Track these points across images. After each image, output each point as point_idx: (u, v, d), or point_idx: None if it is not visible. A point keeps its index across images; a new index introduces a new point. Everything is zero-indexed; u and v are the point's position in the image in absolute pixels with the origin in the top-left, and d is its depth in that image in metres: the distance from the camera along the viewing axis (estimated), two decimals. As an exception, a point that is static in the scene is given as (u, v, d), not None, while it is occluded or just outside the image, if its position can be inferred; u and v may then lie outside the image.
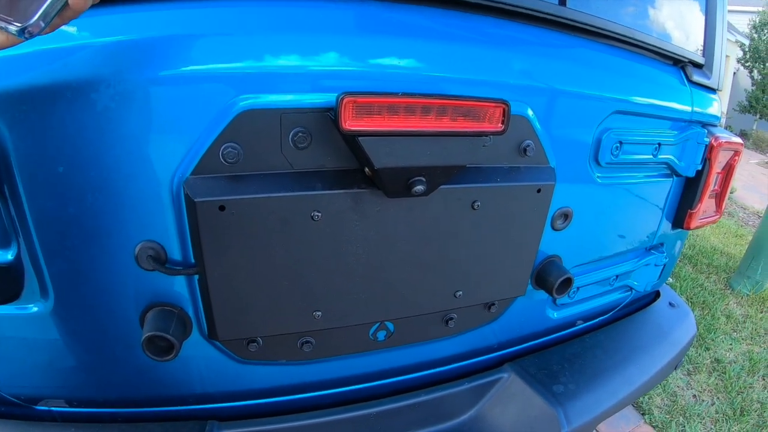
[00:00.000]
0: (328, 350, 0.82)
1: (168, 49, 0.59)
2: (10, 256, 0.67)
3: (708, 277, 3.21)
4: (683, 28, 1.10)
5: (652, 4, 1.03)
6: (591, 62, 0.88)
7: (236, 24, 0.61)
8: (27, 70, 0.56)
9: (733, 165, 1.27)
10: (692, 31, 1.13)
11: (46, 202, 0.62)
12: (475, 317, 0.92)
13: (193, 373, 0.81)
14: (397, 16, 0.69)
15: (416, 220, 0.71)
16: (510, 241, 0.81)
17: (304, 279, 0.70)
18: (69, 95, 0.57)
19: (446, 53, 0.70)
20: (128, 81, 0.58)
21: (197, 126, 0.61)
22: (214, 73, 0.60)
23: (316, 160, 0.65)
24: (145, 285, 0.70)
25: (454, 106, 0.60)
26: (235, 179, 0.63)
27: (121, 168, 0.62)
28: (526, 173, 0.76)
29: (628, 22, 0.95)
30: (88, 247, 0.66)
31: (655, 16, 1.04)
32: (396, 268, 0.74)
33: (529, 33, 0.80)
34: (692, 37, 1.12)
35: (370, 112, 0.57)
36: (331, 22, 0.65)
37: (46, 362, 0.76)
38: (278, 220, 0.64)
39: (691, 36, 1.12)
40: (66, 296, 0.69)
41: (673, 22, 1.08)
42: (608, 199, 0.99)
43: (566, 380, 1.07)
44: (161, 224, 0.66)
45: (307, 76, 0.63)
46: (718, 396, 2.11)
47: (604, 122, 0.88)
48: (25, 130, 0.58)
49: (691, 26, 1.12)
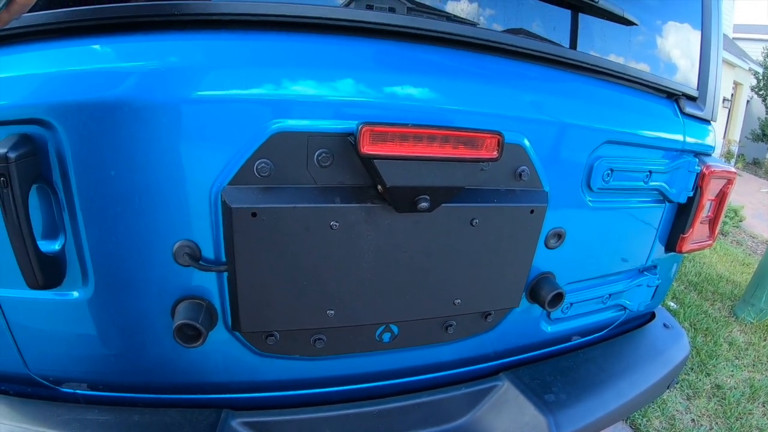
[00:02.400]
0: (338, 348, 0.90)
1: (212, 76, 0.69)
2: (57, 246, 0.75)
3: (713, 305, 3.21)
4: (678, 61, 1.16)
5: (648, 37, 1.09)
6: (585, 95, 0.96)
7: (273, 57, 0.72)
8: (89, 86, 0.65)
9: (726, 192, 1.33)
10: (687, 64, 1.18)
11: (96, 201, 0.71)
12: (473, 325, 0.99)
13: (213, 363, 0.88)
14: (409, 54, 0.79)
15: (421, 233, 0.80)
16: (505, 256, 0.90)
17: (320, 280, 0.79)
18: (125, 110, 0.66)
19: (452, 88, 0.80)
20: (176, 101, 0.67)
21: (236, 143, 0.71)
22: (252, 99, 0.70)
23: (336, 178, 0.75)
24: (179, 279, 0.79)
25: (456, 136, 0.70)
26: (267, 190, 0.73)
27: (166, 176, 0.71)
28: (520, 195, 0.85)
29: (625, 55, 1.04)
30: (131, 243, 0.75)
31: (651, 49, 1.10)
32: (402, 275, 0.83)
33: (528, 69, 0.90)
34: (687, 70, 1.18)
35: (384, 139, 0.67)
36: (353, 58, 0.76)
37: (78, 347, 0.83)
38: (301, 228, 0.73)
39: (685, 69, 1.17)
40: (105, 286, 0.77)
41: (667, 55, 1.14)
42: (600, 222, 1.06)
43: (558, 390, 1.11)
44: (199, 226, 0.75)
45: (331, 104, 0.73)
46: (717, 421, 2.11)
47: (596, 151, 0.96)
48: (83, 136, 0.67)
49: (685, 59, 1.18)
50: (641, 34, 1.08)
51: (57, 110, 0.66)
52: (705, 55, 1.20)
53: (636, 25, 1.04)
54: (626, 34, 1.06)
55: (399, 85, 0.76)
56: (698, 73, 1.21)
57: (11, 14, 0.43)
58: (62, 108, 0.66)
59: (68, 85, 0.66)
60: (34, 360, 0.84)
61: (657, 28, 1.11)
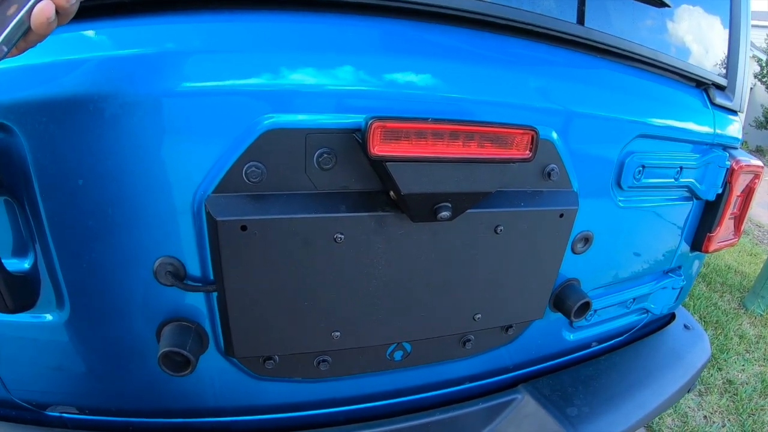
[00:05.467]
0: (345, 369, 0.81)
1: (191, 63, 0.59)
2: (27, 265, 0.68)
3: (722, 296, 3.16)
4: (706, 50, 1.09)
5: (675, 25, 1.02)
6: (616, 84, 0.87)
7: (263, 40, 0.61)
8: (46, 81, 0.56)
9: (753, 188, 1.25)
10: (715, 53, 1.11)
11: (64, 214, 0.62)
12: (493, 339, 0.91)
13: (207, 386, 0.81)
14: (423, 36, 0.68)
15: (439, 244, 0.70)
16: (530, 265, 0.80)
17: (324, 300, 0.69)
18: (90, 107, 0.57)
19: (471, 75, 0.70)
20: (149, 94, 0.57)
21: (221, 143, 0.61)
22: (239, 90, 0.60)
23: (340, 182, 0.65)
24: (163, 300, 0.70)
25: (482, 133, 0.59)
26: (258, 199, 0.63)
27: (141, 182, 0.62)
28: (549, 198, 0.76)
29: (651, 43, 0.94)
30: (106, 261, 0.66)
31: (678, 37, 1.02)
32: (417, 291, 0.74)
33: (555, 55, 0.80)
34: (715, 58, 1.11)
35: (398, 137, 0.56)
36: (357, 40, 0.65)
37: (59, 370, 0.76)
38: (300, 242, 0.63)
39: (713, 57, 1.11)
40: (82, 307, 0.70)
41: (696, 43, 1.07)
42: (628, 223, 0.97)
43: (580, 403, 1.06)
44: (181, 241, 0.66)
45: (333, 95, 0.63)
46: (729, 418, 2.07)
47: (628, 146, 0.87)
48: (44, 140, 0.58)
49: (713, 47, 1.11)
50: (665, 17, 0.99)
51: (12, 110, 0.57)
52: (734, 41, 1.13)
53: (669, 7, 0.94)
54: (650, 17, 0.96)
55: (411, 72, 0.66)
56: (727, 61, 1.12)
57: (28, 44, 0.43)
58: (17, 108, 0.57)
59: (23, 80, 0.56)
60: (15, 384, 0.78)
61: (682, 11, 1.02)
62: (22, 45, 0.42)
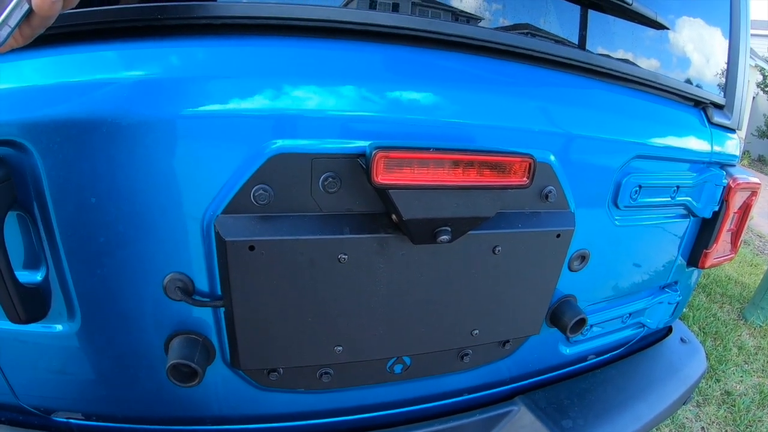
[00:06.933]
0: (346, 381, 0.83)
1: (203, 88, 0.60)
2: (39, 277, 0.69)
3: (721, 307, 3.16)
4: (704, 68, 1.10)
5: (673, 45, 1.03)
6: (614, 106, 0.89)
7: (272, 66, 0.64)
8: (61, 101, 0.58)
9: (750, 205, 1.27)
10: (713, 71, 1.12)
11: (76, 230, 0.64)
12: (490, 353, 0.93)
13: (212, 396, 0.83)
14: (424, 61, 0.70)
15: (439, 264, 0.72)
16: (528, 283, 0.82)
17: (327, 316, 0.71)
18: (104, 129, 0.59)
19: (472, 99, 0.72)
20: (163, 118, 0.59)
21: (230, 166, 0.63)
22: (248, 115, 0.62)
23: (344, 204, 0.67)
24: (172, 313, 0.72)
25: (481, 161, 0.62)
26: (266, 220, 0.65)
27: (153, 202, 0.63)
28: (546, 219, 0.78)
29: (650, 63, 0.96)
30: (117, 276, 0.68)
31: (676, 56, 1.04)
32: (417, 308, 0.76)
33: (553, 78, 0.82)
34: (713, 76, 1.12)
35: (400, 165, 0.59)
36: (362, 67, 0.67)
37: (67, 378, 0.78)
38: (306, 262, 0.66)
39: (711, 76, 1.12)
40: (92, 319, 0.71)
41: (694, 61, 1.08)
42: (625, 241, 0.99)
43: (575, 415, 1.07)
44: (190, 258, 0.68)
45: (338, 121, 0.65)
46: (727, 429, 2.08)
47: (626, 166, 0.89)
48: (58, 159, 0.59)
49: (712, 66, 1.12)
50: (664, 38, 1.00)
51: (27, 130, 0.58)
52: (733, 60, 1.14)
53: (667, 29, 0.95)
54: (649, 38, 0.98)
55: (413, 97, 0.68)
56: (725, 80, 1.14)
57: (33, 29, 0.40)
58: (33, 127, 0.58)
59: (39, 101, 0.58)
60: (23, 389, 0.79)
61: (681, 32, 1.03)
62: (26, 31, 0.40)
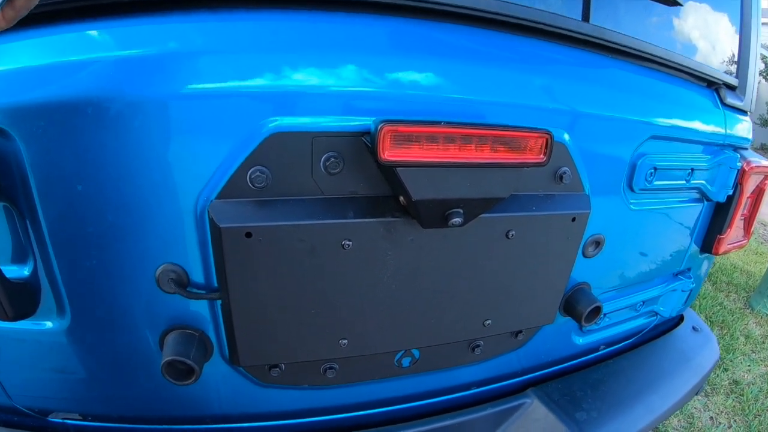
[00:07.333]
0: (352, 376, 0.80)
1: (193, 65, 0.56)
2: (26, 272, 0.66)
3: (728, 296, 3.14)
4: (717, 49, 1.07)
5: (686, 23, 1.00)
6: (628, 85, 0.85)
7: (267, 40, 0.59)
8: (44, 84, 0.54)
9: (763, 189, 1.23)
10: (726, 52, 1.09)
11: (63, 220, 0.61)
12: (502, 344, 0.89)
13: (211, 394, 0.79)
14: (430, 35, 0.66)
15: (450, 250, 0.68)
16: (542, 270, 0.78)
17: (331, 307, 0.67)
18: (89, 111, 0.55)
19: (480, 75, 0.68)
20: (150, 97, 0.55)
21: (224, 147, 0.59)
22: (243, 92, 0.58)
23: (348, 187, 0.63)
24: (166, 307, 0.68)
25: (495, 136, 0.57)
26: (263, 204, 0.61)
27: (142, 188, 0.60)
28: (561, 201, 0.74)
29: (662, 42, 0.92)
30: (107, 268, 0.64)
31: (689, 36, 1.01)
32: (426, 298, 0.72)
33: (565, 54, 0.78)
34: (725, 57, 1.09)
35: (409, 141, 0.54)
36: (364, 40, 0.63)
37: (61, 376, 0.75)
38: (307, 249, 0.61)
39: (724, 57, 1.09)
40: (83, 315, 0.68)
41: (706, 42, 1.05)
42: (639, 225, 0.95)
43: (588, 407, 1.04)
44: (184, 247, 0.64)
45: (339, 97, 0.60)
46: (735, 419, 2.06)
47: (640, 147, 0.85)
48: (42, 145, 0.56)
49: (724, 47, 1.09)
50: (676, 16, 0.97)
51: (9, 115, 0.55)
52: (745, 40, 1.11)
53: (680, 5, 0.91)
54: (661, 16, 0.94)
55: (418, 72, 0.63)
56: (738, 61, 1.11)
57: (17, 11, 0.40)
58: (14, 112, 0.55)
59: (20, 84, 0.54)
60: (16, 390, 0.77)
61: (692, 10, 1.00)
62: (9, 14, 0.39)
